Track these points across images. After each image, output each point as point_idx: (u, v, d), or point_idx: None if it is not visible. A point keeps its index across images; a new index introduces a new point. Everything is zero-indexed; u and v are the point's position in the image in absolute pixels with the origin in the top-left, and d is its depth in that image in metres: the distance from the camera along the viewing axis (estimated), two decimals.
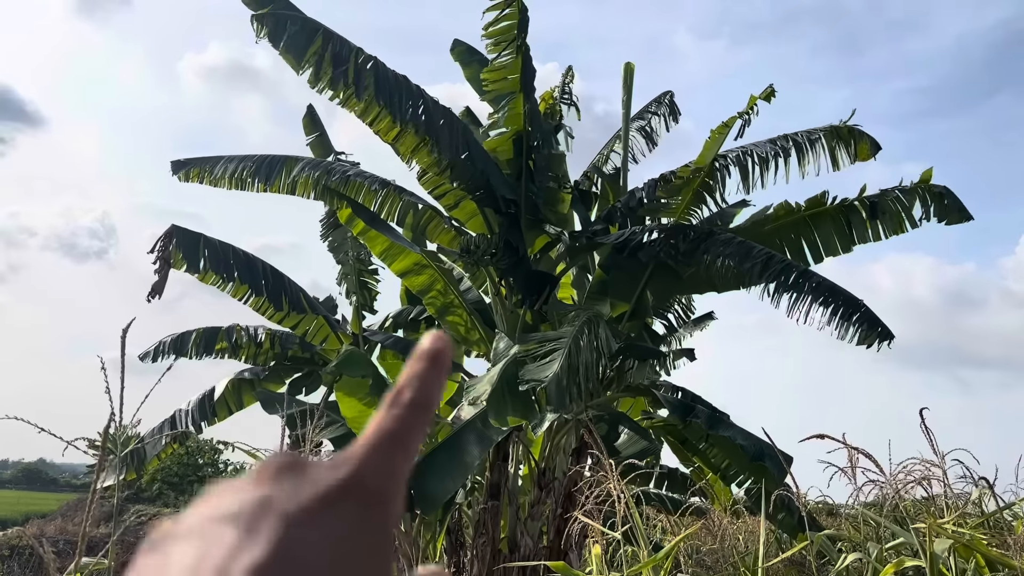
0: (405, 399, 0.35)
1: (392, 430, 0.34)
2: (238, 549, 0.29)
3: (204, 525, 0.31)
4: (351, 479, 0.32)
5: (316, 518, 0.30)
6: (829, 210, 8.01)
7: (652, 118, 9.77)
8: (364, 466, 0.32)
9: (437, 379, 0.36)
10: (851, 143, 7.92)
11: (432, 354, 0.36)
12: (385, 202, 8.10)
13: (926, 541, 3.34)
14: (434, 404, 0.35)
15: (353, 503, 0.31)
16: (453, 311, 8.80)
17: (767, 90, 7.43)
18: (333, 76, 7.17)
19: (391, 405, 0.35)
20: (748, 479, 7.67)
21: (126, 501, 19.51)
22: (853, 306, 6.93)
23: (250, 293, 8.53)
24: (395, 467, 0.33)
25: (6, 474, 60.71)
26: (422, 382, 0.35)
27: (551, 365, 6.08)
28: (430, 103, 7.50)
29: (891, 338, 6.84)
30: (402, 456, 0.34)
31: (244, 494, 0.32)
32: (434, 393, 0.35)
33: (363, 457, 0.33)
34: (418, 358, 0.36)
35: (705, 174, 7.97)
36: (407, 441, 0.34)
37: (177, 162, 8.56)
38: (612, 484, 4.03)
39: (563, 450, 7.76)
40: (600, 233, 8.02)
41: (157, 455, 9.59)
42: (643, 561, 3.78)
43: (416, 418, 0.35)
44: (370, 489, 0.32)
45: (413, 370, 0.36)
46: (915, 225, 7.95)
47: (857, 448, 4.17)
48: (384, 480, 0.33)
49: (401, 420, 0.34)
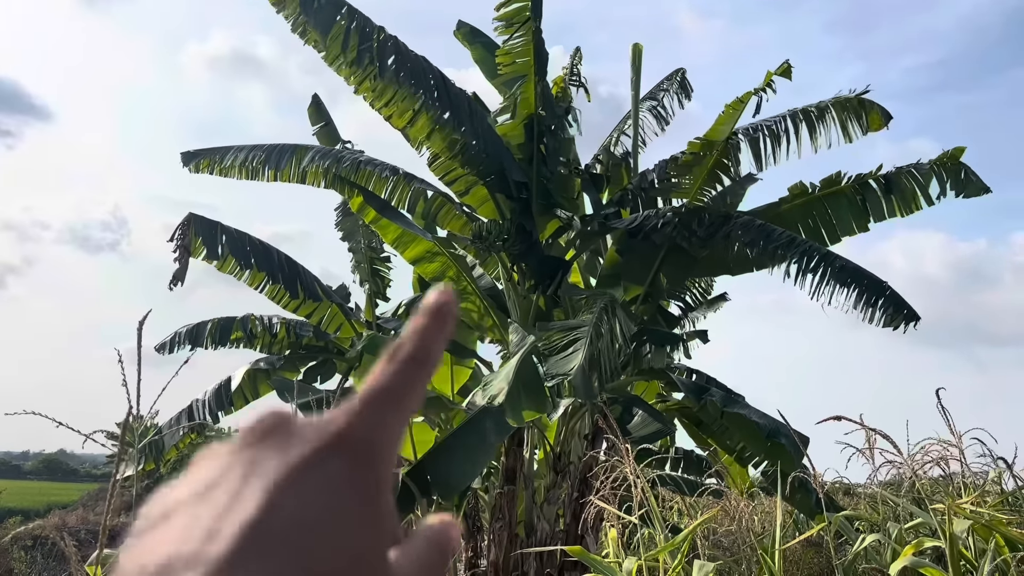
0: (403, 354, 0.34)
1: (386, 385, 0.33)
2: (227, 510, 0.29)
3: (192, 492, 0.31)
4: (339, 434, 0.32)
5: (304, 474, 0.30)
6: (844, 189, 7.94)
7: (664, 96, 9.69)
8: (353, 421, 0.32)
9: (439, 334, 0.35)
10: (862, 114, 7.84)
11: (435, 308, 0.35)
12: (396, 189, 8.09)
13: (945, 521, 3.33)
14: (433, 359, 0.35)
15: (341, 457, 0.31)
16: (466, 298, 8.80)
17: (783, 66, 7.35)
18: (359, 52, 7.17)
19: (388, 360, 0.34)
20: (764, 461, 7.65)
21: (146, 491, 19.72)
22: (878, 288, 6.87)
23: (266, 281, 8.56)
24: (386, 421, 0.33)
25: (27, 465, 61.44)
26: (422, 337, 0.35)
27: (574, 357, 6.06)
28: (448, 84, 7.50)
29: (917, 319, 6.78)
30: (394, 410, 0.33)
31: (231, 457, 0.32)
32: (434, 348, 0.35)
33: (353, 412, 0.32)
34: (421, 313, 0.35)
35: (718, 153, 7.90)
36: (401, 396, 0.33)
37: (187, 153, 8.57)
38: (628, 468, 4.03)
39: (578, 434, 7.77)
40: (612, 217, 7.98)
41: (175, 445, 9.66)
42: (660, 544, 3.79)
43: (413, 373, 0.34)
44: (359, 442, 0.32)
45: (415, 325, 0.35)
46: (931, 202, 7.87)
47: (874, 429, 4.15)
48: (373, 433, 0.32)
49: (396, 375, 0.34)
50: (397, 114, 7.67)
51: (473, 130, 7.50)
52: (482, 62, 9.10)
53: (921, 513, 3.96)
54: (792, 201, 8.06)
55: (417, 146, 7.98)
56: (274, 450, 0.31)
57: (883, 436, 4.14)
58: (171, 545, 0.29)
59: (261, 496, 0.29)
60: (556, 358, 6.21)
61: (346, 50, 7.19)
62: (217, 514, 0.29)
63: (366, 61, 7.21)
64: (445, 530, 0.35)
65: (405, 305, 10.25)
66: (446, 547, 0.34)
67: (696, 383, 8.22)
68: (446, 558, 0.34)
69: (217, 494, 0.30)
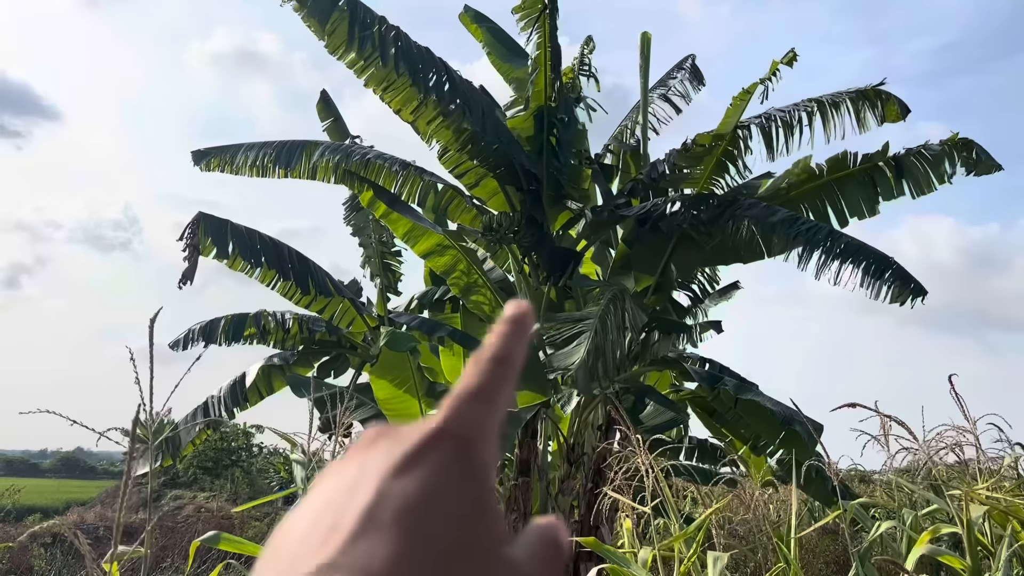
0: (487, 356, 0.37)
1: (477, 384, 0.36)
2: (344, 505, 0.32)
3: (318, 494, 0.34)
4: (438, 431, 0.34)
5: (410, 465, 0.33)
6: (853, 172, 7.88)
7: (674, 83, 9.64)
8: (450, 418, 0.35)
9: (518, 338, 0.38)
10: (878, 104, 7.77)
11: (514, 318, 0.38)
12: (406, 183, 8.09)
13: (961, 507, 3.31)
14: (516, 360, 0.37)
15: (442, 450, 0.34)
16: (477, 290, 8.80)
17: (789, 55, 7.31)
18: (360, 40, 7.14)
19: (475, 363, 0.37)
20: (779, 449, 7.63)
21: (163, 487, 19.86)
22: (884, 264, 6.83)
23: (277, 278, 8.59)
24: (480, 418, 0.35)
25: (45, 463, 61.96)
26: (504, 340, 0.37)
27: (577, 351, 6.06)
28: (454, 75, 7.48)
29: (924, 294, 6.74)
30: (486, 407, 0.36)
31: (344, 467, 0.35)
32: (516, 350, 0.37)
33: (448, 410, 0.35)
34: (501, 322, 0.38)
35: (727, 142, 7.87)
36: (490, 393, 0.36)
37: (197, 152, 8.59)
38: (641, 458, 4.03)
39: (591, 425, 7.77)
40: (623, 207, 7.96)
41: (191, 441, 9.72)
42: (675, 534, 3.79)
43: (499, 372, 0.36)
44: (457, 437, 0.34)
45: (496, 332, 0.38)
46: (943, 181, 7.80)
47: (889, 415, 4.13)
48: (469, 428, 0.35)
49: (484, 375, 0.36)
50: (405, 105, 7.65)
51: (482, 122, 7.49)
52: (488, 46, 9.07)
53: (937, 500, 3.95)
54: (801, 186, 8.02)
55: (427, 139, 7.97)
56: (382, 451, 0.34)
57: (898, 422, 4.12)
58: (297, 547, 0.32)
59: (372, 486, 0.32)
60: (559, 352, 6.21)
61: (351, 40, 7.16)
62: (336, 511, 0.32)
63: (368, 48, 7.18)
64: (556, 527, 0.36)
65: (418, 299, 10.27)
66: (560, 544, 0.36)
67: (709, 372, 8.20)
68: (562, 554, 0.36)
69: (335, 497, 0.33)
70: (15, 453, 64.19)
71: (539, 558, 0.34)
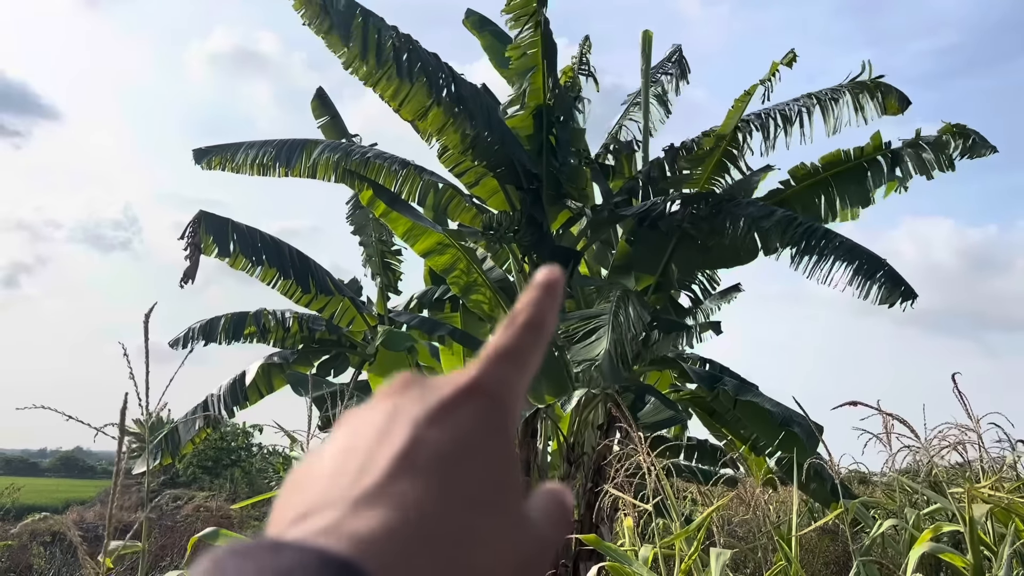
0: (519, 320, 0.37)
1: (508, 345, 0.36)
2: (376, 447, 0.32)
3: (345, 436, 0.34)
4: (471, 384, 0.35)
5: (443, 413, 0.33)
6: (850, 165, 7.93)
7: (663, 79, 9.67)
8: (482, 373, 0.35)
9: (550, 303, 0.38)
10: (877, 94, 7.79)
11: (545, 283, 0.39)
12: (405, 182, 8.09)
13: (964, 506, 3.30)
14: (547, 325, 0.38)
15: (474, 405, 0.34)
16: (477, 289, 8.79)
17: (788, 55, 7.32)
18: (378, 52, 7.21)
19: (507, 327, 0.37)
20: (778, 449, 7.63)
21: (162, 486, 19.84)
22: (876, 265, 6.86)
23: (278, 276, 8.59)
24: (510, 377, 0.36)
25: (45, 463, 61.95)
26: (535, 306, 0.38)
27: (599, 343, 6.08)
28: (459, 79, 7.51)
29: (914, 297, 6.75)
30: (516, 369, 0.36)
31: (373, 409, 0.35)
32: (547, 315, 0.38)
33: (481, 368, 0.36)
34: (532, 287, 0.39)
35: (727, 142, 7.88)
36: (521, 356, 0.37)
37: (199, 151, 8.59)
38: (641, 457, 4.02)
39: (591, 425, 7.76)
40: (622, 205, 7.96)
41: (191, 440, 9.71)
42: (675, 533, 3.78)
43: (529, 336, 0.37)
44: (489, 393, 0.35)
45: (528, 297, 0.38)
46: (941, 167, 7.80)
47: (892, 414, 4.12)
48: (501, 387, 0.35)
49: (515, 338, 0.37)
50: (409, 109, 7.68)
51: (484, 122, 7.50)
52: (491, 50, 9.08)
53: (939, 498, 3.94)
54: (798, 184, 8.05)
55: (427, 139, 7.97)
56: (414, 398, 0.35)
57: (900, 421, 4.11)
58: (325, 486, 0.32)
59: (407, 432, 0.33)
60: (580, 346, 6.23)
61: (366, 51, 7.24)
62: (367, 453, 0.32)
63: (386, 61, 7.26)
64: (564, 492, 0.38)
65: (418, 298, 10.27)
66: (569, 507, 0.37)
67: (709, 372, 8.19)
68: (569, 515, 0.37)
69: (365, 439, 0.33)
70: (14, 452, 64.15)
71: (551, 519, 0.36)
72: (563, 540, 0.37)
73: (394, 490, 0.31)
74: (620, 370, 6.21)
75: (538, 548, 0.34)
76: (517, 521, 0.33)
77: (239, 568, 0.27)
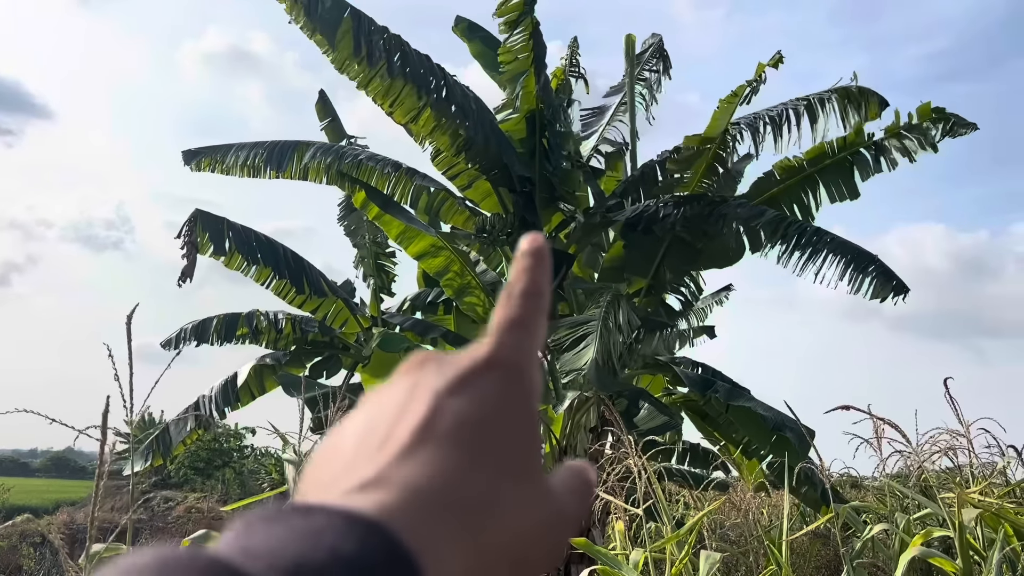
0: (518, 290, 0.38)
1: (514, 315, 0.37)
2: (397, 419, 0.33)
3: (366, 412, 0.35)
4: (489, 356, 0.35)
5: (463, 385, 0.34)
6: (838, 160, 8.00)
7: (649, 75, 9.69)
8: (498, 345, 0.36)
9: (542, 270, 0.39)
10: (861, 104, 7.85)
11: (531, 250, 0.39)
12: (398, 185, 8.08)
13: (954, 511, 3.32)
14: (545, 291, 0.38)
15: (495, 374, 0.35)
16: (470, 292, 8.79)
17: (775, 57, 7.38)
18: (368, 52, 7.20)
19: (507, 298, 0.38)
20: (770, 454, 7.64)
21: (154, 487, 19.77)
22: (866, 260, 6.89)
23: (273, 276, 8.57)
24: (523, 345, 0.36)
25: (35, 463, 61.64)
26: (529, 273, 0.38)
27: (586, 352, 6.07)
28: (451, 81, 7.50)
29: (906, 291, 6.77)
30: (527, 336, 0.37)
31: (393, 385, 0.36)
32: (542, 282, 0.38)
33: (496, 339, 0.36)
34: (521, 256, 0.39)
35: (717, 145, 7.91)
36: (528, 324, 0.37)
37: (188, 152, 8.57)
38: (633, 460, 4.02)
39: (584, 428, 7.76)
40: (614, 209, 7.98)
41: (182, 441, 9.67)
42: (666, 537, 3.78)
43: (531, 303, 0.38)
44: (508, 363, 0.35)
45: (519, 266, 0.39)
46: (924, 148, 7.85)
47: (883, 419, 4.13)
48: (518, 355, 0.36)
49: (518, 307, 0.37)
50: (401, 111, 7.67)
51: (476, 125, 7.50)
52: (481, 57, 9.08)
53: (929, 503, 3.95)
54: (785, 181, 8.11)
55: (420, 141, 7.97)
56: (433, 372, 0.35)
57: (892, 425, 4.12)
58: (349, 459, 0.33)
59: (427, 403, 0.33)
60: (569, 355, 6.23)
61: (357, 52, 7.22)
62: (389, 425, 0.33)
63: (377, 61, 7.24)
64: (588, 468, 0.39)
65: (411, 301, 10.26)
66: (591, 482, 0.38)
67: (702, 376, 8.20)
68: (592, 492, 0.38)
69: (386, 413, 0.34)
70: (5, 452, 63.80)
71: (574, 491, 0.37)
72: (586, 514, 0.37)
73: (418, 457, 0.31)
74: (608, 378, 6.21)
75: (561, 519, 0.35)
76: (542, 490, 0.34)
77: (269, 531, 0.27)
